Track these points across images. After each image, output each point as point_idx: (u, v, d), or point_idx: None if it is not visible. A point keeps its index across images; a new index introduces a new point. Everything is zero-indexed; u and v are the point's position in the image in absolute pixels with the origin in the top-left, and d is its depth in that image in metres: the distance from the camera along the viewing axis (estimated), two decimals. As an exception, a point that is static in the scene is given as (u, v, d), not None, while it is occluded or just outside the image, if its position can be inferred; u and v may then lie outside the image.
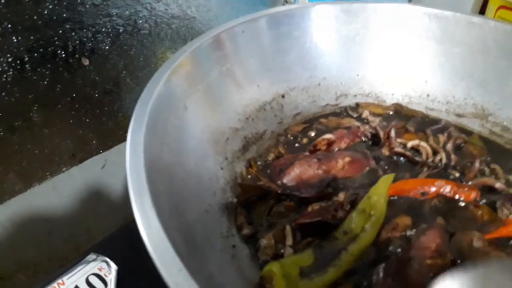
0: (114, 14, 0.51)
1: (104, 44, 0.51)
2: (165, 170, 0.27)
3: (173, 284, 0.18)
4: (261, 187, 0.34)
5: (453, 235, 0.30)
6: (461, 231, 0.30)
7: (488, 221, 0.32)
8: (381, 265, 0.27)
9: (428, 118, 0.46)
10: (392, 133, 0.38)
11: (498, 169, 0.37)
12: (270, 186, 0.34)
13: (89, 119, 0.53)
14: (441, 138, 0.40)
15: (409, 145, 0.38)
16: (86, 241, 0.57)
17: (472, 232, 0.29)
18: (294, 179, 0.34)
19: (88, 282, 0.34)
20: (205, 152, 0.34)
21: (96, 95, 0.52)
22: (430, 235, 0.29)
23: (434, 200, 0.33)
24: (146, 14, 0.54)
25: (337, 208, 0.30)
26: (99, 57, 0.51)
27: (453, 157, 0.38)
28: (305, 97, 0.46)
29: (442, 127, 0.43)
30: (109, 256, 0.36)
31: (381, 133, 0.39)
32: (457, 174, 0.37)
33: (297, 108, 0.45)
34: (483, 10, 0.67)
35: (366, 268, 0.28)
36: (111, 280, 0.35)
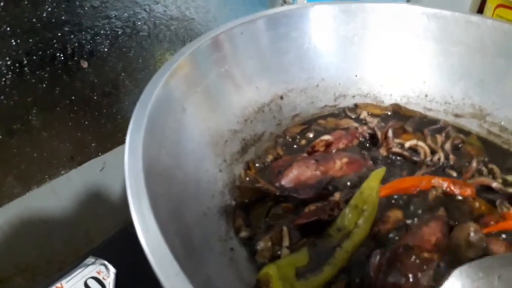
0: (113, 16, 0.51)
1: (103, 46, 0.51)
2: (163, 173, 0.27)
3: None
4: (259, 189, 0.34)
5: (452, 228, 0.30)
6: (459, 225, 0.30)
7: (485, 212, 0.32)
8: (378, 250, 0.27)
9: (426, 119, 0.46)
10: (390, 133, 0.38)
11: (496, 169, 0.37)
12: (268, 188, 0.34)
13: (88, 122, 0.53)
14: (439, 138, 0.40)
15: (407, 145, 0.39)
16: (85, 244, 0.57)
17: (469, 225, 0.29)
18: (292, 181, 0.34)
19: (86, 285, 0.34)
20: (204, 155, 0.34)
21: (95, 97, 0.52)
22: (432, 227, 0.29)
23: (435, 190, 0.33)
24: (145, 16, 0.54)
25: (333, 207, 0.30)
26: (98, 60, 0.51)
27: (451, 156, 0.38)
28: (303, 98, 0.46)
29: (440, 127, 0.43)
30: (107, 259, 0.36)
31: (379, 133, 0.40)
32: (455, 174, 0.37)
33: (296, 109, 0.45)
34: (481, 8, 0.67)
35: (358, 265, 0.28)
36: (110, 283, 0.35)
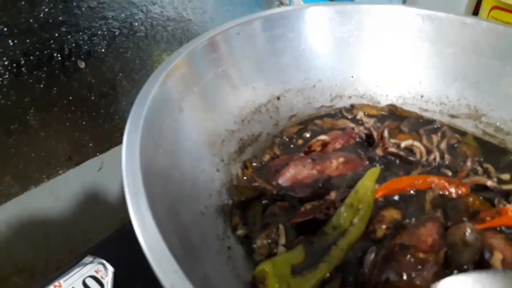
0: (110, 16, 0.51)
1: (100, 46, 0.51)
2: (161, 172, 0.27)
3: (168, 285, 0.18)
4: (256, 188, 0.34)
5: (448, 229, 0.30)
6: (455, 224, 0.30)
7: (480, 208, 0.32)
8: (373, 247, 0.27)
9: (422, 119, 0.47)
10: (386, 133, 0.38)
11: (491, 168, 0.37)
12: (265, 187, 0.34)
13: (86, 122, 0.53)
14: (434, 138, 0.41)
15: (403, 145, 0.39)
16: (83, 244, 0.57)
17: (464, 224, 0.29)
18: (289, 180, 0.35)
19: (85, 284, 0.34)
20: (201, 154, 0.34)
21: (93, 97, 0.52)
22: (428, 228, 0.29)
23: (432, 191, 0.33)
24: (142, 17, 0.55)
25: (329, 206, 0.30)
26: (95, 60, 0.51)
27: (447, 156, 0.38)
28: (300, 99, 0.46)
29: (436, 127, 0.44)
30: (106, 258, 0.37)
31: (375, 133, 0.40)
32: (450, 173, 0.37)
33: (292, 110, 0.46)
34: (476, 10, 0.68)
35: (353, 263, 0.28)
36: (108, 282, 0.35)
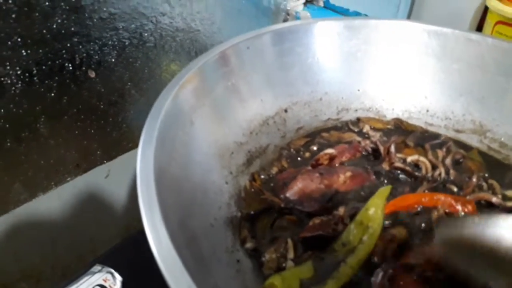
0: (121, 27, 0.52)
1: (110, 56, 0.52)
2: (173, 184, 0.28)
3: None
4: (264, 201, 0.35)
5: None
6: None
7: None
8: (380, 268, 0.27)
9: (427, 133, 0.47)
10: (392, 148, 0.39)
11: (496, 184, 0.38)
12: (273, 199, 0.35)
13: (94, 130, 0.54)
14: (439, 153, 0.41)
15: (409, 160, 0.39)
16: (89, 250, 0.57)
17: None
18: (297, 193, 0.35)
19: (93, 293, 0.35)
20: (211, 166, 0.35)
21: (102, 106, 0.53)
22: (433, 247, 0.29)
23: (437, 211, 0.34)
24: (151, 27, 0.56)
25: (337, 222, 0.31)
26: (105, 70, 0.52)
27: (452, 172, 0.39)
28: (307, 111, 0.47)
29: (441, 142, 0.44)
30: (114, 267, 0.37)
31: (381, 148, 0.40)
32: (455, 189, 0.37)
33: (300, 122, 0.46)
34: (481, 25, 0.68)
35: (361, 280, 0.29)
36: (117, 291, 0.35)
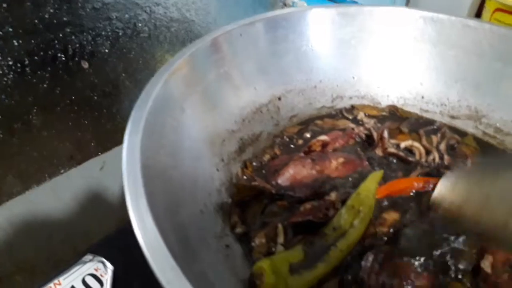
0: (114, 17, 0.51)
1: (103, 47, 0.52)
2: (161, 171, 0.28)
3: (165, 282, 0.19)
4: (256, 187, 0.35)
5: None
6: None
7: None
8: (371, 252, 0.27)
9: (422, 120, 0.47)
10: (385, 134, 0.38)
11: (490, 170, 0.37)
12: (264, 186, 0.35)
13: (88, 122, 0.53)
14: (434, 139, 0.41)
15: (403, 145, 0.39)
16: (84, 243, 0.57)
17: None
18: (288, 179, 0.35)
19: (84, 282, 0.34)
20: (201, 154, 0.35)
21: (95, 97, 0.53)
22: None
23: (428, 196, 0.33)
24: (145, 18, 0.55)
25: (328, 207, 0.31)
26: (98, 60, 0.51)
27: (446, 157, 0.38)
28: (301, 99, 0.46)
29: (436, 128, 0.44)
30: (105, 256, 0.37)
31: (374, 134, 0.40)
32: (449, 174, 0.37)
33: (293, 110, 0.46)
34: (479, 12, 0.68)
35: (351, 263, 0.28)
36: (107, 280, 0.35)
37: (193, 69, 0.36)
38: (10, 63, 0.43)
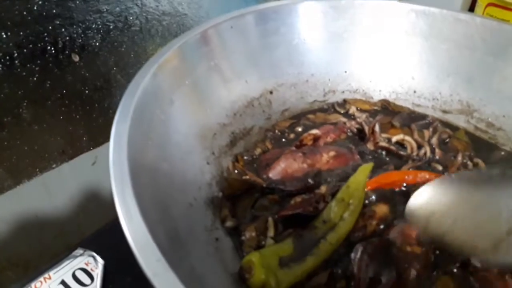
0: (105, 10, 0.51)
1: (94, 40, 0.51)
2: (149, 164, 0.27)
3: (151, 273, 0.18)
4: (247, 181, 0.35)
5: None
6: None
7: None
8: (360, 244, 0.27)
9: (414, 114, 0.47)
10: (377, 127, 0.38)
11: (481, 163, 0.38)
12: (255, 180, 0.34)
13: (80, 116, 0.53)
14: (426, 133, 0.41)
15: (394, 139, 0.39)
16: (77, 238, 0.56)
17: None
18: (280, 173, 0.35)
19: (74, 276, 0.34)
20: (191, 147, 0.34)
21: (87, 91, 0.52)
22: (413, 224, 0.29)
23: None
24: (137, 11, 0.54)
25: (318, 200, 0.31)
26: (89, 54, 0.51)
27: (438, 151, 0.38)
28: (293, 93, 0.46)
29: (428, 122, 0.44)
30: (96, 251, 0.37)
31: (366, 128, 0.40)
32: (440, 168, 0.37)
33: (285, 104, 0.46)
34: (472, 7, 0.68)
35: (341, 257, 0.28)
36: (98, 274, 0.35)
37: (183, 62, 0.36)
38: (-1, 55, 0.42)
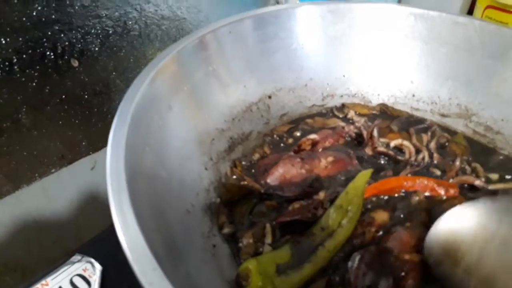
0: (104, 15, 0.51)
1: (93, 45, 0.51)
2: (146, 170, 0.27)
3: (146, 283, 0.18)
4: (245, 187, 0.34)
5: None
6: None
7: None
8: (358, 252, 0.27)
9: (412, 118, 0.46)
10: (375, 132, 0.38)
11: (479, 168, 0.37)
12: (253, 185, 0.34)
13: (79, 121, 0.53)
14: (424, 137, 0.40)
15: (392, 144, 0.39)
16: (75, 243, 0.57)
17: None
18: (278, 179, 0.35)
19: (72, 283, 0.34)
20: (190, 153, 0.34)
21: (86, 96, 0.52)
22: (411, 231, 0.29)
23: (417, 195, 0.33)
24: (136, 15, 0.55)
25: (317, 206, 0.30)
26: (88, 59, 0.51)
27: (436, 155, 0.38)
28: (291, 98, 0.46)
29: (426, 126, 0.43)
30: (94, 257, 0.37)
31: (364, 132, 0.40)
32: (439, 173, 0.37)
33: (284, 108, 0.46)
34: (471, 9, 0.68)
35: (339, 264, 0.28)
36: (95, 281, 0.35)
37: (181, 67, 0.36)
38: (-2, 61, 0.43)
